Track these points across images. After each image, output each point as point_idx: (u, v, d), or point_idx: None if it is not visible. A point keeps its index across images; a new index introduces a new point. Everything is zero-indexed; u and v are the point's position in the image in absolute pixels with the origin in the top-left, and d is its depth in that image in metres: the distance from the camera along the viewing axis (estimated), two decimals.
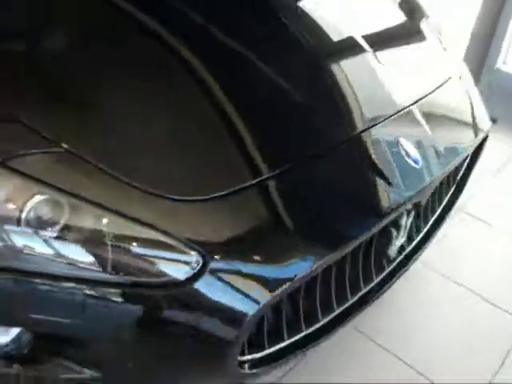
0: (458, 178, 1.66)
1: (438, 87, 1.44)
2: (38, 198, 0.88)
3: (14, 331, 0.97)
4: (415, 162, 1.20)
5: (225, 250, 0.93)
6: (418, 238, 1.47)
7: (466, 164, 1.65)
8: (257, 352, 1.08)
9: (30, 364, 0.98)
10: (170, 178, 0.98)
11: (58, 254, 0.89)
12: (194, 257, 0.90)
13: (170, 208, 0.93)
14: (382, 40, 1.49)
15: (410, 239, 1.45)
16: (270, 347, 1.10)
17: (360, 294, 1.29)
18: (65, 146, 0.92)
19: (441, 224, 1.56)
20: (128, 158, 0.98)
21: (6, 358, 0.98)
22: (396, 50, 1.56)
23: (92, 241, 0.89)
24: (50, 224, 0.88)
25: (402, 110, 1.30)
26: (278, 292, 0.93)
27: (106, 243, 0.89)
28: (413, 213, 1.30)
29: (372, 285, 1.33)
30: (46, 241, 0.88)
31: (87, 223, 0.90)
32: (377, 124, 1.23)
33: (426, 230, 1.51)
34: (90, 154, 0.93)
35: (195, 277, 0.90)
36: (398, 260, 1.41)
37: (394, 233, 1.25)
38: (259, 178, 1.03)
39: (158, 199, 0.93)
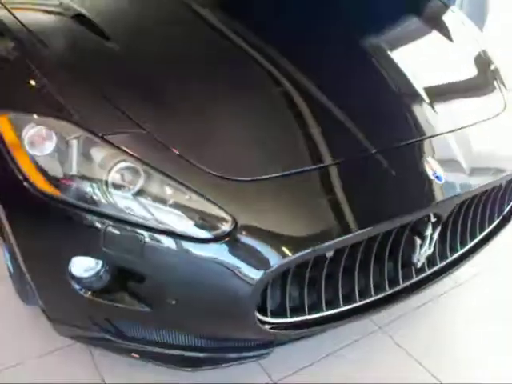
0: (505, 211, 1.77)
1: (483, 120, 1.61)
2: (122, 164, 1.20)
3: (97, 268, 1.28)
4: (438, 178, 1.38)
5: (255, 217, 1.18)
6: (452, 258, 1.61)
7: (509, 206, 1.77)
8: (278, 318, 1.30)
9: (104, 293, 1.27)
10: (226, 163, 1.26)
11: (130, 208, 1.19)
12: (229, 221, 1.17)
13: (219, 184, 1.21)
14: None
15: (442, 257, 1.59)
16: (291, 317, 1.31)
17: (384, 294, 1.46)
18: (148, 128, 1.24)
19: (479, 250, 1.68)
20: (198, 146, 1.28)
21: (87, 288, 1.29)
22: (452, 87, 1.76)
23: (158, 201, 1.19)
24: (129, 185, 1.19)
25: (442, 133, 1.49)
26: (291, 258, 1.16)
27: (168, 204, 1.19)
28: (439, 228, 1.46)
29: (397, 288, 1.49)
30: (124, 198, 1.20)
31: (156, 188, 1.20)
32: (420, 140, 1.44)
33: (462, 252, 1.63)
34: (164, 137, 1.25)
35: (228, 235, 1.16)
36: (427, 272, 1.55)
37: (418, 241, 1.42)
38: (300, 169, 1.29)
39: (213, 178, 1.22)
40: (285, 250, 1.18)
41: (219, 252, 1.17)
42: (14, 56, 1.46)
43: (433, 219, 1.41)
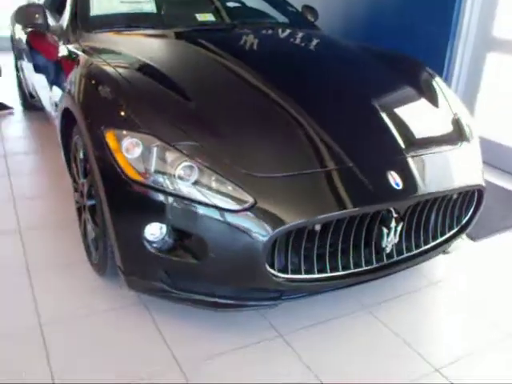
0: (463, 222, 2.37)
1: (439, 152, 2.25)
2: (184, 163, 1.89)
3: (162, 233, 1.95)
4: (397, 185, 2.02)
5: (268, 200, 1.84)
6: (415, 252, 2.20)
7: (469, 212, 2.36)
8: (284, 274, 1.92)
9: (166, 251, 1.94)
10: (252, 166, 1.92)
11: (189, 192, 1.87)
12: (251, 201, 1.83)
13: (247, 178, 1.87)
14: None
15: (408, 249, 2.19)
16: (292, 275, 1.94)
17: (361, 269, 2.06)
18: (200, 142, 1.94)
19: (439, 249, 2.27)
20: (234, 154, 1.95)
21: (155, 248, 1.95)
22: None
23: (207, 187, 1.86)
24: (188, 177, 1.88)
25: (406, 157, 2.15)
26: (289, 224, 1.80)
27: (213, 189, 1.86)
28: (401, 223, 2.07)
29: (372, 267, 2.09)
30: (186, 185, 1.88)
31: (205, 179, 1.88)
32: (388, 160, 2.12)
33: (423, 249, 2.23)
34: (212, 148, 1.94)
35: (248, 208, 1.82)
36: (395, 258, 2.14)
37: (385, 230, 2.03)
38: (308, 171, 1.97)
39: (244, 174, 1.88)
40: (285, 220, 1.82)
41: (243, 220, 1.82)
42: (113, 95, 2.19)
43: (395, 214, 2.01)
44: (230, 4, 3.59)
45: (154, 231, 1.94)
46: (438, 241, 2.27)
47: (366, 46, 3.15)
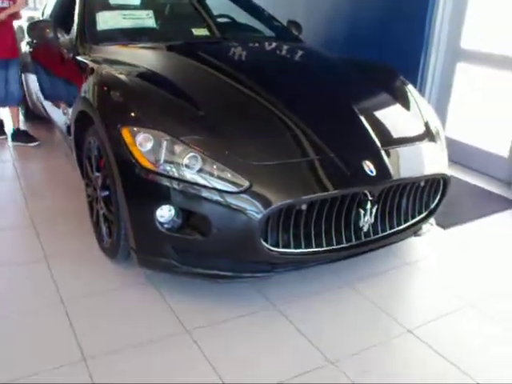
0: (431, 208, 2.72)
1: (408, 145, 2.61)
2: (190, 154, 2.22)
3: (171, 215, 2.27)
4: (371, 172, 2.37)
5: (262, 183, 2.18)
6: (389, 232, 2.54)
7: (436, 199, 2.72)
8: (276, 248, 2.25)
9: (175, 230, 2.26)
10: (249, 155, 2.25)
11: (194, 178, 2.20)
12: (247, 184, 2.17)
13: (245, 166, 2.21)
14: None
15: (383, 229, 2.54)
16: (282, 248, 2.27)
17: (342, 245, 2.40)
18: (204, 136, 2.29)
19: (410, 230, 2.62)
20: (233, 146, 2.28)
21: (166, 228, 2.28)
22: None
23: (209, 174, 2.19)
24: (193, 165, 2.21)
25: (379, 149, 2.50)
26: (279, 203, 2.14)
27: (215, 175, 2.19)
28: (376, 205, 2.41)
29: (351, 244, 2.42)
30: (191, 173, 2.21)
31: (208, 167, 2.21)
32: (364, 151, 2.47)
33: (396, 229, 2.58)
34: (214, 140, 2.28)
35: (245, 190, 2.16)
36: (371, 237, 2.49)
37: (362, 212, 2.37)
38: (296, 160, 2.32)
39: (241, 163, 2.21)
40: (276, 200, 2.15)
41: (241, 200, 2.15)
42: (126, 98, 2.53)
43: (370, 197, 2.36)
44: (222, 20, 3.96)
45: (165, 213, 2.26)
46: (409, 223, 2.61)
47: (345, 57, 3.53)
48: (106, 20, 3.32)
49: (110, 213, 2.55)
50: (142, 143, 2.25)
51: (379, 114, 2.79)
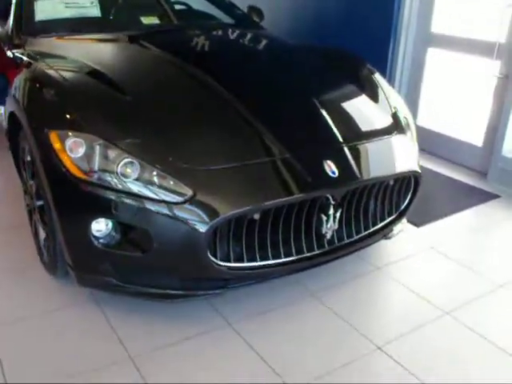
0: (401, 208, 2.49)
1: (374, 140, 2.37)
2: (125, 160, 1.95)
3: (109, 229, 2.00)
4: (332, 173, 2.12)
5: (207, 191, 1.92)
6: (356, 238, 2.31)
7: (407, 198, 2.49)
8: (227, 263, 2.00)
9: (113, 246, 1.99)
10: (192, 159, 2.00)
11: (131, 187, 1.93)
12: (189, 192, 1.91)
13: (188, 171, 1.95)
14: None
15: (349, 235, 2.30)
16: (234, 263, 2.02)
17: (303, 255, 2.16)
18: (141, 138, 2.01)
19: (379, 234, 2.39)
20: (174, 150, 2.02)
21: (103, 244, 2.00)
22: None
23: (149, 183, 1.93)
24: (130, 173, 1.94)
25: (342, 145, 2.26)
26: (226, 215, 1.88)
27: (155, 184, 1.93)
28: (340, 209, 2.17)
29: (313, 253, 2.18)
30: (127, 181, 1.94)
31: (147, 175, 1.94)
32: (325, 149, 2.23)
33: (364, 234, 2.34)
34: (153, 144, 2.01)
35: (188, 200, 1.90)
36: (336, 244, 2.25)
37: (324, 217, 2.13)
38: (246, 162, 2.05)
39: (184, 168, 1.96)
40: (223, 210, 1.90)
41: (184, 211, 1.90)
42: (56, 98, 2.24)
43: (332, 201, 2.12)
44: (176, 7, 3.66)
45: (101, 227, 1.99)
46: (377, 226, 2.38)
47: (308, 45, 3.28)
48: (45, 9, 3.02)
49: (45, 224, 2.27)
50: (73, 149, 1.98)
51: (343, 107, 2.56)
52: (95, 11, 3.17)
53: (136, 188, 1.91)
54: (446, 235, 2.99)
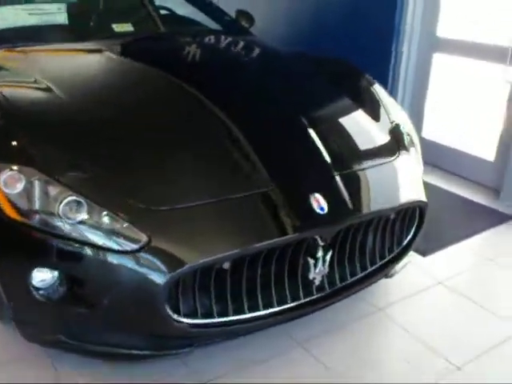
0: (404, 244, 2.13)
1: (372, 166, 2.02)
2: (68, 198, 1.61)
3: (53, 279, 1.66)
4: (321, 209, 1.77)
5: (165, 236, 1.58)
6: (350, 281, 1.96)
7: (410, 235, 2.13)
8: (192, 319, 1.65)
9: (58, 300, 1.65)
10: (154, 194, 1.67)
11: (76, 231, 1.59)
12: (143, 238, 1.56)
13: (141, 212, 1.62)
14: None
15: (342, 278, 1.94)
16: (202, 319, 1.67)
17: (287, 306, 1.81)
18: (89, 172, 1.67)
19: (378, 275, 2.03)
20: (129, 186, 1.70)
21: (46, 297, 1.66)
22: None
23: (96, 227, 1.59)
24: (75, 214, 1.60)
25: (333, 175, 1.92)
26: (188, 266, 1.55)
27: (104, 228, 1.59)
28: (331, 251, 1.82)
29: (299, 302, 1.83)
30: (70, 224, 1.60)
31: (95, 216, 1.61)
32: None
33: (360, 276, 1.99)
34: (103, 179, 1.67)
35: (143, 247, 1.55)
36: (328, 291, 1.90)
37: (311, 261, 1.78)
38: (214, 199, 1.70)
39: (139, 208, 1.62)
40: (185, 259, 1.56)
41: (137, 261, 1.57)
42: None
43: (321, 243, 1.77)
44: (155, 12, 3.30)
45: (43, 277, 1.67)
46: (376, 266, 2.03)
47: (300, 53, 2.93)
48: (3, 17, 2.67)
49: None
50: (9, 184, 1.64)
51: (335, 126, 2.22)
52: (62, 18, 2.83)
53: (81, 232, 1.58)
54: (456, 267, 2.64)
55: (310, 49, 3.15)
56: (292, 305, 1.81)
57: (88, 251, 1.58)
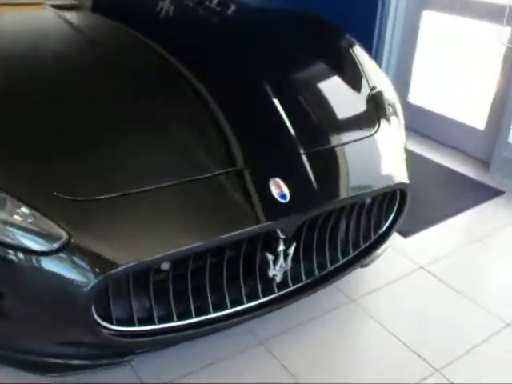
0: (382, 230, 1.87)
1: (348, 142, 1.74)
2: None
3: None
4: (282, 197, 1.49)
5: (89, 233, 1.30)
6: (318, 276, 1.70)
7: (389, 220, 1.87)
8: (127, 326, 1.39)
9: None
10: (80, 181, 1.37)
11: None
12: (63, 236, 1.28)
13: (64, 204, 1.33)
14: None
15: (308, 273, 1.69)
16: (140, 326, 1.41)
17: (242, 307, 1.55)
18: None
19: (352, 266, 1.78)
20: (50, 172, 1.39)
21: None
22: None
23: (12, 224, 1.30)
24: None
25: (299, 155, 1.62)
26: (117, 269, 1.27)
27: (15, 226, 1.30)
28: (294, 243, 1.56)
29: (257, 302, 1.58)
30: None
31: (6, 212, 1.31)
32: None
33: (329, 270, 1.73)
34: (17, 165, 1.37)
35: (62, 247, 1.27)
36: (292, 287, 1.64)
37: (270, 257, 1.52)
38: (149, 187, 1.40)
39: (60, 199, 1.33)
40: (115, 260, 1.28)
41: (55, 263, 1.29)
42: None
43: (282, 236, 1.50)
44: None
45: None
46: (350, 257, 1.77)
47: (277, 9, 2.58)
48: None
49: None
50: None
51: (306, 94, 1.91)
52: None
53: None
54: (440, 249, 2.41)
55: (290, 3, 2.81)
56: (248, 305, 1.55)
57: None
